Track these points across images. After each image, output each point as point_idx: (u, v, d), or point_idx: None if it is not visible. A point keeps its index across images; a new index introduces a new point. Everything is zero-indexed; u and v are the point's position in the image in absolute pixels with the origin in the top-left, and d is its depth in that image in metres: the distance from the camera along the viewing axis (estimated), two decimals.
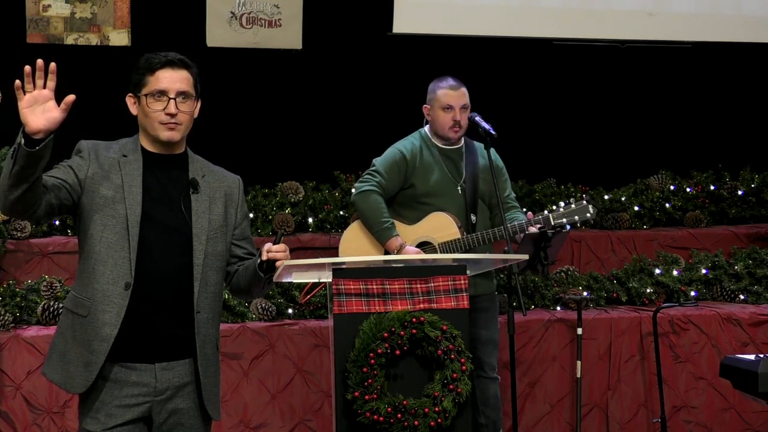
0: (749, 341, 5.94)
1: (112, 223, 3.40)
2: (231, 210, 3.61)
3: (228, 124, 6.74)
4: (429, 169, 5.12)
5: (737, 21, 7.29)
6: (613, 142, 7.30)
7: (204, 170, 3.61)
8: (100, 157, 3.52)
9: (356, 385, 3.61)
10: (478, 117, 5.07)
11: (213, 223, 3.52)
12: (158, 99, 3.54)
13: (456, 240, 4.99)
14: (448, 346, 3.69)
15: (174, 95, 3.54)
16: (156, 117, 3.53)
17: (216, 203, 3.56)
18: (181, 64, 3.58)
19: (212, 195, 3.56)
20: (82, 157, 3.54)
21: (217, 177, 3.63)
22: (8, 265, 5.69)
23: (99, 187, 3.45)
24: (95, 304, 3.39)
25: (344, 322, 3.66)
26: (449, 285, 3.75)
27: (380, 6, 6.85)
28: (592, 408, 5.78)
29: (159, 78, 3.55)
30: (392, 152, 5.20)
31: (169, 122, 3.52)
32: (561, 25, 7.09)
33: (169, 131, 3.53)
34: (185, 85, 3.58)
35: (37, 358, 5.19)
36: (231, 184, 3.65)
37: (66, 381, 3.43)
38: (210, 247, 3.49)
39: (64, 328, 3.47)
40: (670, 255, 6.40)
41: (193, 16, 6.65)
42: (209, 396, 3.51)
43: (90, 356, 3.37)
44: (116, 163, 3.51)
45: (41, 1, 6.44)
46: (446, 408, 3.67)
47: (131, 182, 3.46)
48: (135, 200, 3.43)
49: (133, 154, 3.54)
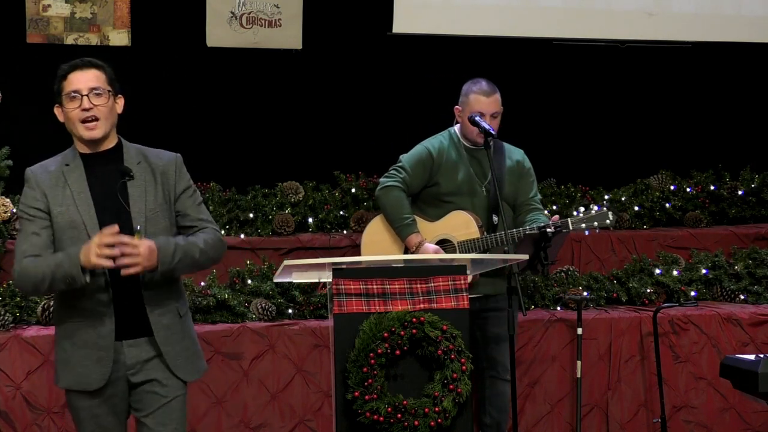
0: (749, 341, 5.94)
1: (75, 233, 3.70)
2: (168, 188, 3.83)
3: (228, 124, 6.74)
4: (454, 169, 5.14)
5: (737, 21, 7.29)
6: (613, 142, 7.30)
7: (139, 157, 3.85)
8: (44, 179, 3.80)
9: (356, 385, 3.61)
10: (477, 117, 5.07)
11: (149, 203, 3.76)
12: (72, 99, 3.80)
13: (476, 239, 5.00)
14: (448, 346, 3.69)
15: (86, 92, 3.79)
16: (75, 116, 3.80)
17: (152, 185, 3.80)
18: (89, 64, 3.87)
19: (148, 179, 3.80)
20: (30, 187, 3.83)
21: (152, 160, 3.86)
22: (8, 265, 5.68)
23: (55, 207, 3.74)
24: (86, 308, 3.70)
25: (344, 322, 3.66)
26: (449, 285, 3.76)
27: (380, 6, 6.84)
28: (592, 408, 5.78)
29: (70, 80, 3.83)
30: (420, 149, 5.24)
31: (86, 118, 3.77)
32: (561, 25, 7.08)
33: (88, 130, 3.79)
34: (96, 82, 3.82)
35: (37, 358, 5.19)
36: (166, 162, 3.87)
37: (81, 382, 3.74)
38: (150, 227, 3.72)
39: (61, 338, 3.81)
40: (670, 255, 6.40)
41: (193, 16, 6.65)
42: (176, 363, 3.79)
43: (98, 353, 3.70)
44: (60, 174, 3.81)
45: (41, 1, 6.44)
46: (446, 408, 3.67)
47: (79, 190, 3.75)
48: (86, 205, 3.72)
49: (74, 160, 3.82)
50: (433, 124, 5.55)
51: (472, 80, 5.21)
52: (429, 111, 6.80)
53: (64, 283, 3.63)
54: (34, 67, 6.48)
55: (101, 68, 3.88)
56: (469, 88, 5.17)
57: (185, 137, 6.63)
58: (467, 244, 5.02)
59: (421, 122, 6.61)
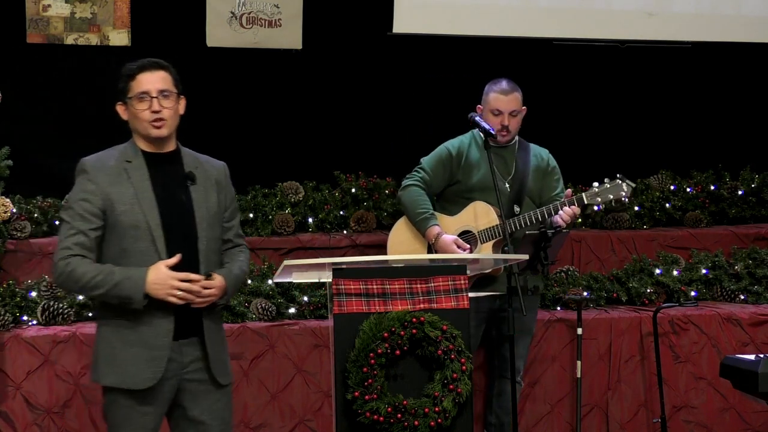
0: (749, 341, 5.94)
1: (138, 233, 3.73)
2: (221, 196, 3.94)
3: (228, 124, 6.74)
4: (475, 166, 5.20)
5: (737, 21, 7.28)
6: (613, 142, 7.30)
7: (195, 162, 3.91)
8: (103, 174, 3.80)
9: (356, 385, 3.61)
10: (477, 117, 5.09)
11: (210, 210, 3.86)
12: (142, 100, 3.82)
13: (495, 226, 5.03)
14: (448, 346, 3.69)
15: (155, 94, 3.82)
16: (144, 117, 3.82)
17: (209, 191, 3.89)
18: (157, 66, 3.90)
19: (206, 184, 3.87)
20: (89, 180, 3.80)
21: (206, 167, 3.93)
22: (8, 265, 5.69)
23: (115, 204, 3.74)
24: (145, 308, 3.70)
25: (344, 322, 3.66)
26: (449, 285, 3.76)
27: (380, 6, 6.84)
28: (592, 408, 5.78)
29: (140, 81, 3.84)
30: (440, 149, 5.32)
31: (154, 120, 3.81)
32: (561, 25, 7.08)
33: (156, 129, 3.82)
34: (164, 84, 3.86)
35: (37, 358, 5.19)
36: (219, 171, 3.98)
37: (128, 380, 3.74)
38: (210, 232, 3.83)
39: (108, 335, 3.80)
40: (670, 255, 6.40)
41: (193, 16, 6.65)
42: (216, 366, 3.82)
43: (152, 352, 3.72)
44: (122, 170, 3.80)
45: (41, 1, 6.43)
46: (446, 408, 3.67)
47: (142, 188, 3.77)
48: (150, 205, 3.75)
49: (136, 158, 3.84)
50: (433, 124, 5.57)
51: (493, 80, 5.29)
52: (429, 111, 6.82)
53: (117, 300, 3.69)
54: (34, 67, 6.48)
55: (168, 69, 3.92)
56: (489, 87, 5.26)
57: (185, 137, 6.62)
58: (488, 231, 5.06)
59: (421, 122, 6.63)
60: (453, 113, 5.46)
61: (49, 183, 6.35)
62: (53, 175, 6.46)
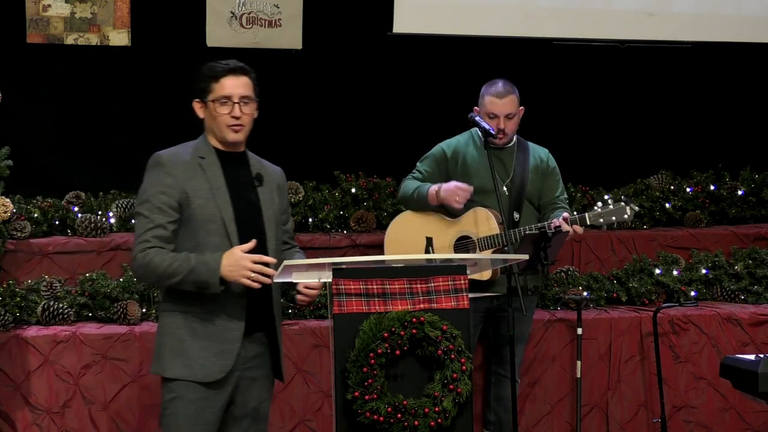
0: (749, 341, 5.94)
1: (212, 227, 3.79)
2: (282, 199, 4.06)
3: None
4: (473, 167, 5.18)
5: (737, 21, 7.28)
6: (613, 142, 7.30)
7: (259, 165, 4.01)
8: (180, 168, 3.86)
9: (356, 385, 3.61)
10: (478, 117, 5.08)
11: (275, 211, 3.98)
12: (224, 104, 3.88)
13: (495, 235, 5.02)
14: (448, 346, 3.69)
15: (238, 100, 3.89)
16: (223, 120, 3.89)
17: (274, 194, 4.00)
18: (242, 71, 3.94)
19: (270, 186, 3.97)
20: (166, 173, 3.84)
21: (269, 171, 4.03)
22: (8, 265, 5.69)
23: (192, 198, 3.82)
24: (217, 300, 3.75)
25: (344, 322, 3.66)
26: (449, 285, 3.76)
27: (380, 6, 6.84)
28: (592, 408, 5.78)
29: (223, 85, 3.89)
30: (435, 149, 5.33)
31: (234, 125, 3.88)
32: (561, 25, 7.08)
33: (234, 133, 3.90)
34: (247, 90, 3.93)
35: (37, 358, 5.19)
36: (279, 175, 4.10)
37: (196, 373, 3.76)
38: (276, 232, 3.94)
39: (175, 327, 3.81)
40: (670, 255, 6.40)
41: (193, 16, 6.65)
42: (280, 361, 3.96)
43: (223, 345, 3.76)
44: (197, 166, 3.87)
45: (41, 1, 6.43)
46: (446, 408, 3.67)
47: (217, 184, 3.84)
48: (224, 200, 3.83)
49: (209, 155, 3.91)
50: (433, 124, 5.57)
51: (490, 81, 5.24)
52: (429, 111, 6.82)
53: (193, 287, 3.71)
54: (34, 67, 6.48)
55: (250, 75, 3.97)
56: (486, 90, 5.21)
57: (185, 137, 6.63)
58: (487, 240, 5.05)
59: (421, 122, 6.63)
60: (453, 113, 5.46)
61: (49, 183, 6.36)
62: (53, 175, 6.47)
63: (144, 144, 6.65)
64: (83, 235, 5.92)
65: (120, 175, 6.54)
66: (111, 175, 6.53)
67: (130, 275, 5.60)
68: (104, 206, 6.23)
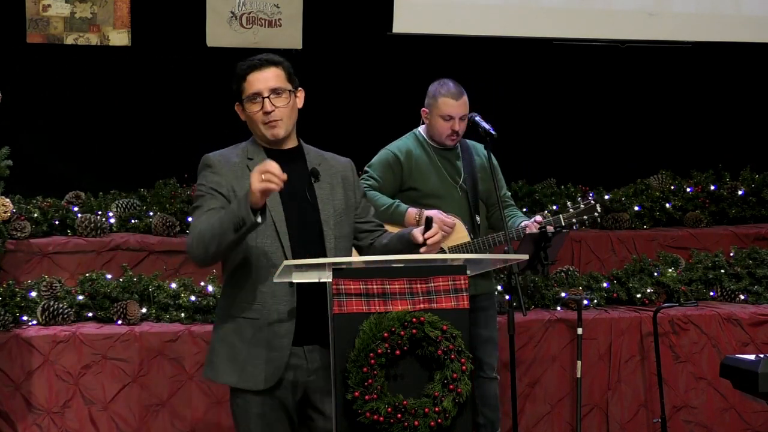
0: (749, 341, 5.94)
1: (263, 228, 3.59)
2: (349, 192, 3.85)
3: (227, 124, 6.72)
4: (426, 171, 5.09)
5: (737, 21, 7.29)
6: (613, 142, 7.30)
7: (319, 159, 3.85)
8: (228, 169, 3.75)
9: (356, 385, 3.60)
10: (478, 117, 5.05)
11: (337, 207, 3.78)
12: (254, 101, 3.76)
13: (466, 243, 4.98)
14: (449, 346, 3.69)
15: (267, 94, 3.75)
16: (257, 118, 3.77)
17: (336, 188, 3.81)
18: (267, 63, 3.82)
19: (331, 181, 3.80)
20: (215, 172, 3.75)
21: (331, 163, 3.87)
22: (8, 265, 5.69)
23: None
24: (267, 306, 3.67)
25: (344, 322, 3.65)
26: (449, 285, 3.75)
27: (380, 6, 6.85)
28: (592, 408, 5.78)
29: (250, 82, 3.78)
30: (384, 153, 5.17)
31: (268, 121, 3.75)
32: (561, 25, 7.08)
33: (270, 129, 3.76)
34: (275, 82, 3.78)
35: (37, 358, 5.19)
36: (344, 167, 3.90)
37: (247, 380, 3.67)
38: (338, 231, 3.76)
39: (228, 333, 3.72)
40: (670, 255, 6.40)
41: (193, 16, 6.65)
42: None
43: (271, 353, 3.66)
44: (245, 168, 3.74)
45: (41, 1, 6.44)
46: (446, 408, 3.66)
47: None
48: (274, 202, 3.66)
49: (258, 155, 3.77)
50: None
51: (438, 81, 5.13)
52: None
53: (234, 231, 3.50)
54: (34, 67, 6.49)
55: (279, 65, 3.84)
56: (437, 90, 5.09)
57: (185, 137, 6.64)
58: (458, 248, 5.00)
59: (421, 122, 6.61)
60: None
61: (49, 183, 6.36)
62: (53, 175, 6.47)
63: (144, 144, 6.70)
64: (83, 235, 5.92)
65: (120, 175, 6.55)
66: (111, 175, 6.54)
67: (130, 275, 5.61)
68: (104, 206, 6.23)
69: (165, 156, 6.59)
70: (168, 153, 6.59)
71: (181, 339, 5.34)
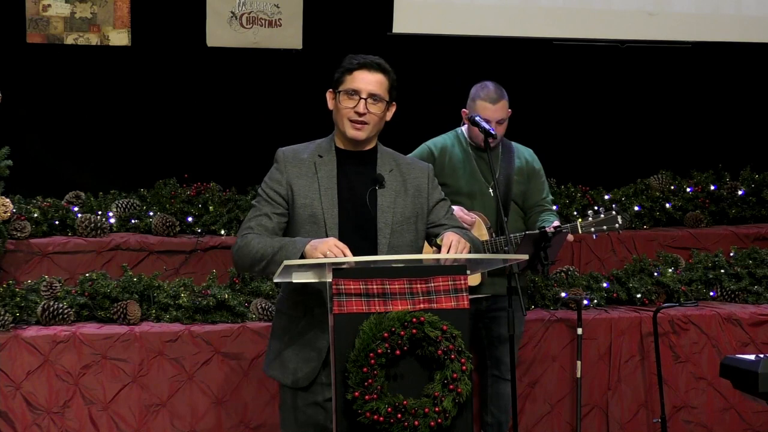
0: (749, 341, 5.94)
1: (312, 228, 3.69)
2: (420, 200, 3.83)
3: (228, 124, 6.74)
4: (459, 168, 5.14)
5: (737, 21, 7.29)
6: (613, 142, 7.30)
7: (392, 164, 3.82)
8: (295, 165, 3.77)
9: (356, 385, 3.60)
10: (478, 117, 5.05)
11: (397, 215, 3.77)
12: (350, 97, 3.77)
13: (484, 242, 4.99)
14: (449, 346, 3.68)
15: (365, 95, 3.76)
16: (346, 114, 3.76)
17: (402, 196, 3.78)
18: (378, 67, 3.85)
19: (398, 189, 3.78)
20: (278, 170, 3.81)
21: (405, 170, 3.84)
22: (8, 265, 5.69)
23: (296, 197, 3.74)
24: (311, 304, 3.72)
25: (344, 322, 3.65)
26: (449, 285, 3.75)
27: (380, 6, 6.84)
28: (592, 408, 5.78)
29: (355, 78, 3.81)
30: (421, 148, 5.25)
31: (356, 120, 3.75)
32: (561, 25, 7.08)
33: (354, 130, 3.76)
34: (377, 88, 3.79)
35: (37, 358, 5.19)
36: (419, 174, 3.87)
37: (287, 376, 3.77)
38: (394, 239, 3.76)
39: (279, 329, 3.83)
40: (670, 255, 6.40)
41: (193, 16, 6.65)
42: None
43: (311, 352, 3.74)
44: (312, 165, 3.77)
45: (41, 1, 6.44)
46: (446, 408, 3.66)
47: (327, 185, 3.72)
48: (331, 202, 3.71)
49: (328, 154, 3.80)
50: (434, 124, 5.55)
51: (480, 84, 5.15)
52: (429, 111, 6.81)
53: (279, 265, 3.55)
54: (34, 67, 6.49)
55: (387, 74, 3.86)
56: (476, 93, 5.11)
57: (185, 137, 6.64)
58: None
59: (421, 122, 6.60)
60: (453, 113, 5.45)
61: (49, 183, 6.36)
62: (53, 175, 6.47)
63: (144, 144, 6.70)
64: (83, 235, 5.92)
65: (120, 175, 6.55)
66: (111, 175, 6.54)
67: (130, 275, 5.61)
68: (104, 206, 6.23)
69: (165, 156, 6.59)
70: (168, 153, 6.59)
71: (181, 339, 5.34)
